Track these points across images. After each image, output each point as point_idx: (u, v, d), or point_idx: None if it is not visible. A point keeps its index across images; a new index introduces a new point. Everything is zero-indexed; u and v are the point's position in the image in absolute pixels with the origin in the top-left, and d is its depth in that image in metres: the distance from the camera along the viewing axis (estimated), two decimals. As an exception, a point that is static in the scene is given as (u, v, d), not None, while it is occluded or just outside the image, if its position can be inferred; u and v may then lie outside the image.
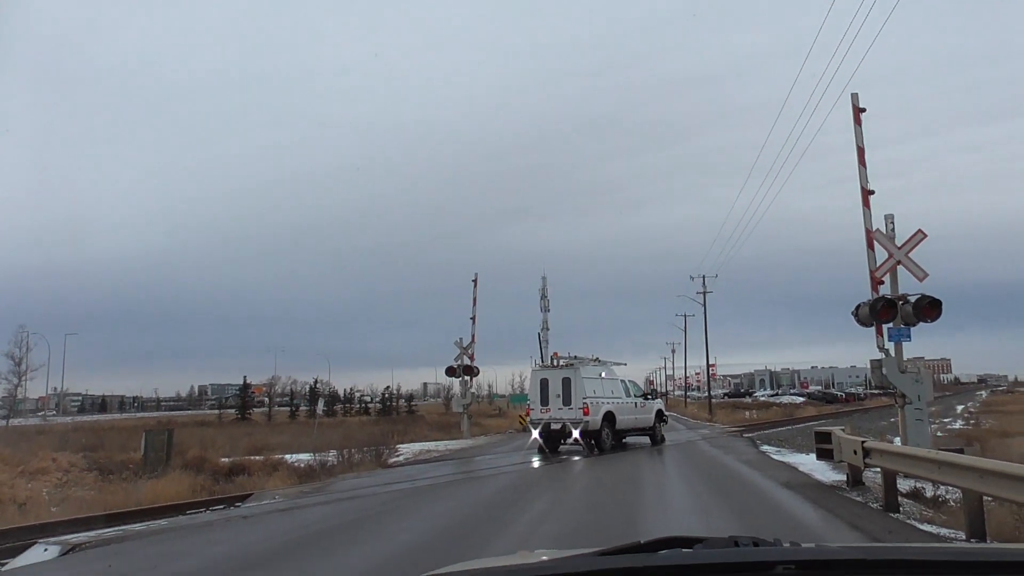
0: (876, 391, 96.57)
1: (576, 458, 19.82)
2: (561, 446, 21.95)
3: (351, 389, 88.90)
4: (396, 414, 67.59)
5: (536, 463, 19.06)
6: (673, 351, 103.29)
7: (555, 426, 20.91)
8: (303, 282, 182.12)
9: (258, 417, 63.01)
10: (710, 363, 58.93)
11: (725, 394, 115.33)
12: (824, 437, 13.75)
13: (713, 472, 15.51)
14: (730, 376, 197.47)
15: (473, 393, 35.25)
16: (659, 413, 25.00)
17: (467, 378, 33.69)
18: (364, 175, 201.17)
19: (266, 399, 75.06)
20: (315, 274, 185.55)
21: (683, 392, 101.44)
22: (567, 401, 21.01)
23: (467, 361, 33.54)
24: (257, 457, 20.31)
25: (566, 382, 21.19)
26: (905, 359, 13.81)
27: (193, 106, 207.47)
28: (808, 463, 16.12)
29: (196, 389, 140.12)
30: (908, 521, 9.20)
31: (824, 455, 13.77)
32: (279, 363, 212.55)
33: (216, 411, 68.06)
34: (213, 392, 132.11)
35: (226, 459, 19.98)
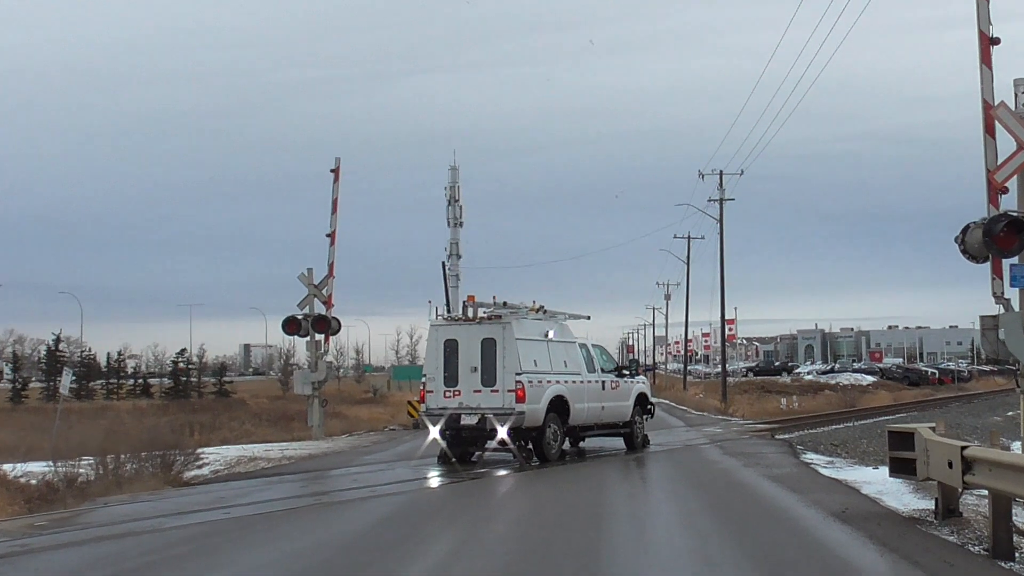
0: (988, 367, 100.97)
1: (502, 472, 20.04)
2: (478, 452, 22.19)
3: (121, 353, 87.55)
4: (199, 396, 66.92)
5: (435, 480, 19.18)
6: (668, 297, 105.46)
7: (468, 419, 21.10)
8: (34, 167, 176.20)
9: (-47, 399, 61.27)
10: (726, 318, 60.35)
11: (749, 369, 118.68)
12: (902, 440, 14.30)
13: (725, 496, 16.00)
14: (758, 340, 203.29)
15: (331, 364, 35.10)
16: (641, 399, 25.56)
17: (320, 337, 33.52)
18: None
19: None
20: (57, 153, 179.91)
21: (682, 365, 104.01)
22: (489, 378, 21.17)
23: (320, 309, 33.30)
24: (-49, 468, 19.82)
25: (488, 347, 21.30)
26: (1036, 317, 14.42)
27: None
28: (876, 481, 16.82)
29: None
30: (1026, 574, 9.76)
31: (901, 468, 14.34)
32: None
33: None
34: None
35: None
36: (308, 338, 33.48)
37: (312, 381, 33.18)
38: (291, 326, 33.42)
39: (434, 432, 21.32)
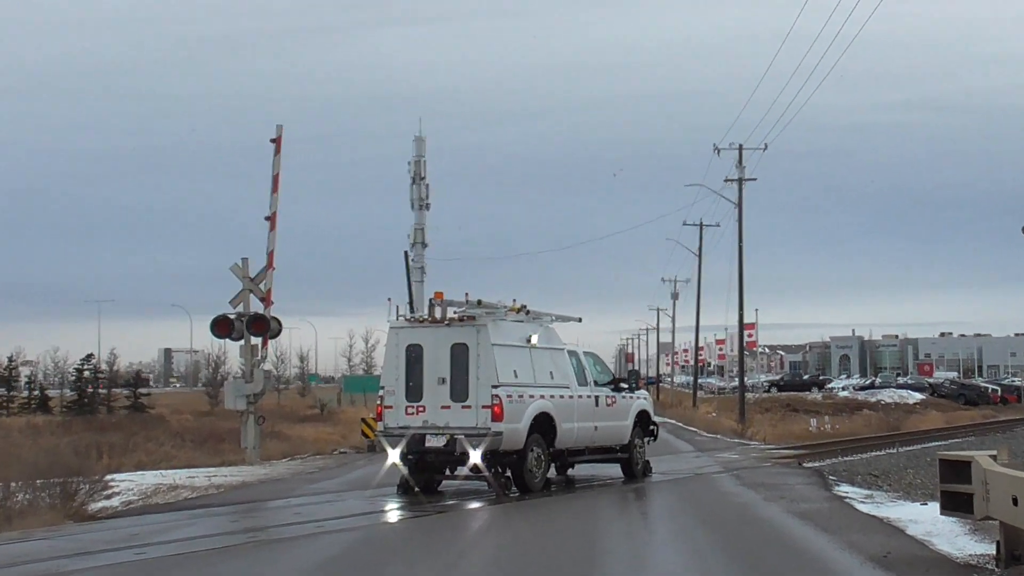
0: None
1: (475, 505, 20.09)
2: (446, 480, 22.22)
3: (13, 359, 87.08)
4: (108, 411, 66.60)
5: (394, 514, 19.22)
6: (675, 296, 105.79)
7: (434, 440, 21.06)
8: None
9: None
10: (745, 322, 60.52)
11: (772, 383, 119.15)
12: (957, 471, 14.31)
13: (742, 535, 16.01)
14: (783, 348, 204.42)
15: (269, 373, 35.04)
16: (642, 418, 25.64)
17: (256, 341, 33.39)
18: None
19: None
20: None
21: (691, 378, 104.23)
22: (460, 392, 21.14)
23: (258, 307, 33.14)
24: None
25: (459, 353, 21.28)
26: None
27: None
28: (925, 520, 16.83)
29: None
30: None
31: (956, 505, 14.35)
32: None
33: None
34: None
35: None
36: (242, 342, 33.34)
37: (247, 394, 33.07)
38: (222, 327, 33.26)
39: (393, 456, 21.29)
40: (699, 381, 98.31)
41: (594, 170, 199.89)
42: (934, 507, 15.88)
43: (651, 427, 26.28)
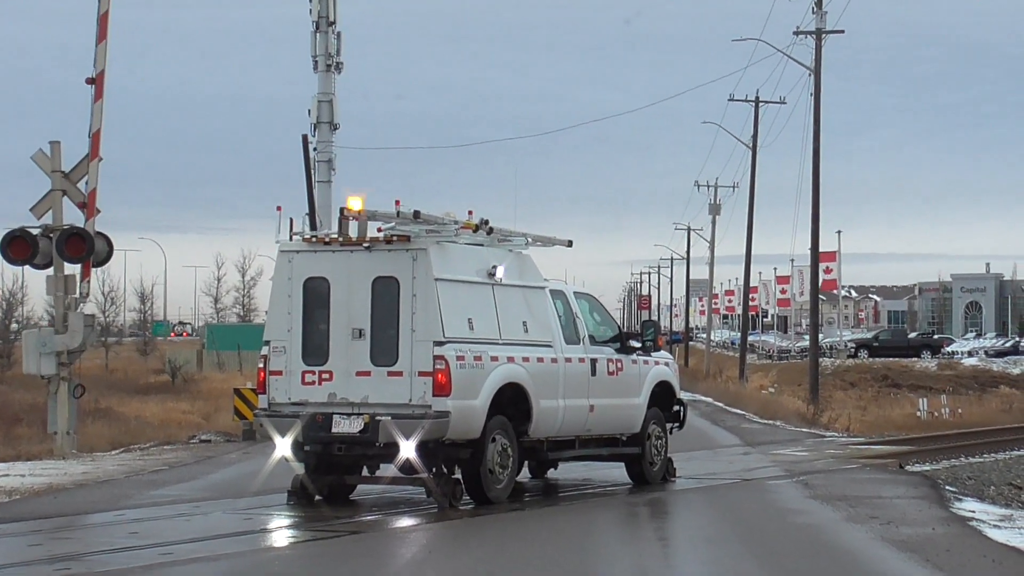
0: None
1: (406, 523, 20.24)
2: (363, 484, 22.46)
3: None
4: None
5: (282, 536, 19.34)
6: (715, 211, 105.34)
7: (346, 424, 21.04)
8: None
9: None
10: (820, 252, 60.52)
11: (861, 345, 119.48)
12: None
13: None
14: (877, 291, 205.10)
15: (91, 318, 34.94)
16: (662, 394, 25.93)
17: (73, 269, 33.29)
18: None
19: None
20: None
21: (738, 333, 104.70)
22: (385, 351, 21.19)
23: (75, 218, 33.02)
24: None
25: (384, 292, 21.27)
26: None
27: None
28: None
29: None
30: None
31: None
32: None
33: None
34: None
35: None
36: (50, 271, 33.28)
37: (58, 351, 33.08)
38: (18, 248, 33.17)
39: (283, 447, 21.31)
40: (750, 339, 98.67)
41: (596, 18, 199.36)
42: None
43: (676, 408, 26.51)
